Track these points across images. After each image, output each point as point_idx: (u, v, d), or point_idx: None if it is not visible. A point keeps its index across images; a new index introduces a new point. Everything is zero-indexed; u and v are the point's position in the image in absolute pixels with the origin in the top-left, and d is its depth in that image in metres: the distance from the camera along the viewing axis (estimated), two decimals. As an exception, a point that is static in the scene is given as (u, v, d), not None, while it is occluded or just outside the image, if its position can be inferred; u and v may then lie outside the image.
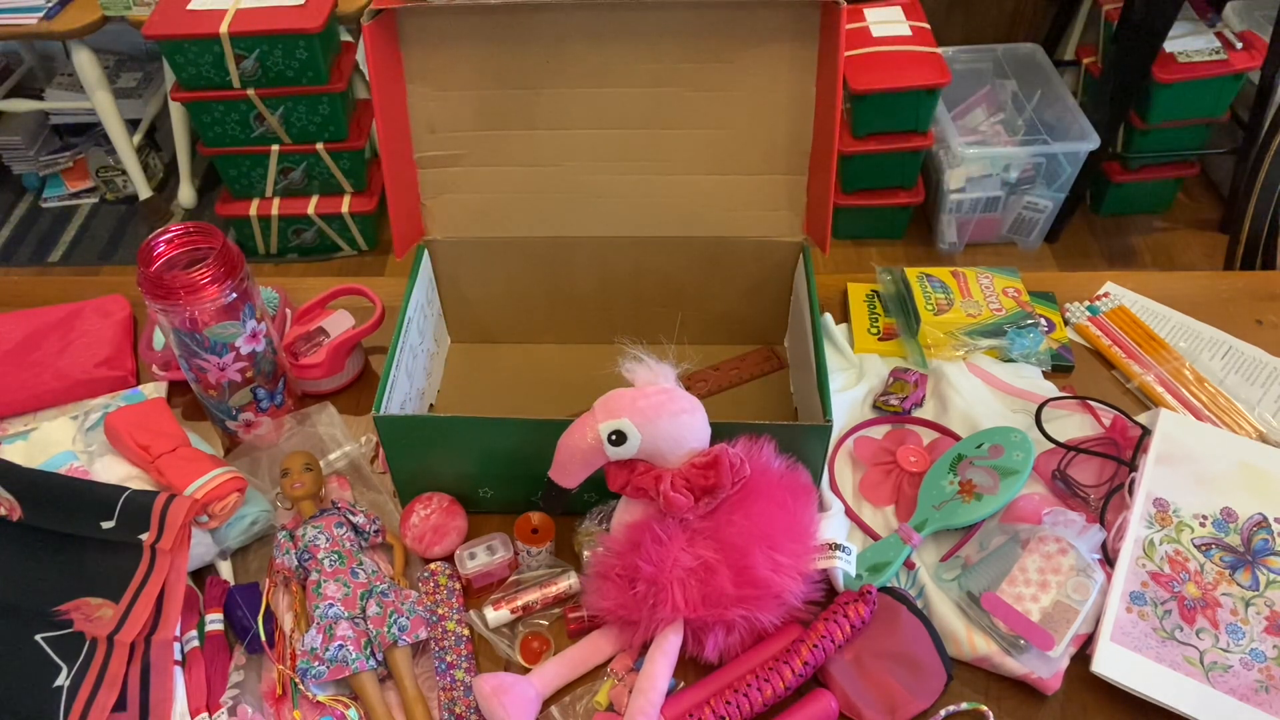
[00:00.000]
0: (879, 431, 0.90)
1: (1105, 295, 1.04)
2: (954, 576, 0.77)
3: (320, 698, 0.72)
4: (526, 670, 0.74)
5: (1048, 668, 0.72)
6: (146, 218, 2.56)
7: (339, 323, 0.97)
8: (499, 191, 0.91)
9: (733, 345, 1.00)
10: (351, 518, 0.80)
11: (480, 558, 0.79)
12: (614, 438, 0.69)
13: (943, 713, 0.72)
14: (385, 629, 0.74)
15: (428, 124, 0.87)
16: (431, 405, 0.94)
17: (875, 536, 0.82)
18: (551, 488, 0.73)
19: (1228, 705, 0.70)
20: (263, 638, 0.75)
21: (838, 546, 0.75)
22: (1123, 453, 0.85)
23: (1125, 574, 0.77)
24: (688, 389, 0.73)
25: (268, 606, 0.77)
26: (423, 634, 0.75)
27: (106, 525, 0.76)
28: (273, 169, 2.23)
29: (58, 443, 0.88)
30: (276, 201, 2.30)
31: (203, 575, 0.81)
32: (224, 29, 1.97)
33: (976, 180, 2.18)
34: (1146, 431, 0.85)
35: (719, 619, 0.70)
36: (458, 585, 0.79)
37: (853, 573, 0.75)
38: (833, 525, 0.79)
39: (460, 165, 0.90)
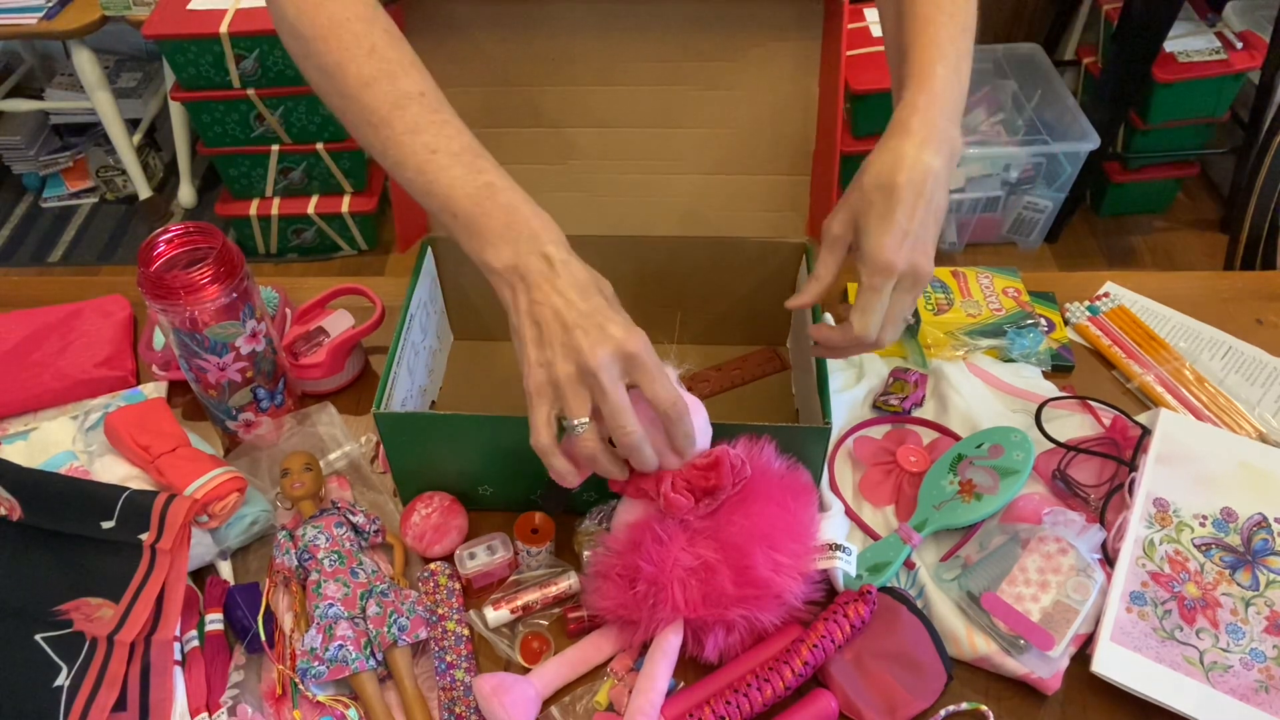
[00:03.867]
0: (879, 431, 0.90)
1: (1105, 295, 1.04)
2: (954, 576, 0.77)
3: (320, 698, 0.72)
4: (526, 670, 0.74)
5: (1048, 668, 0.72)
6: (146, 218, 2.56)
7: (339, 323, 0.97)
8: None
9: (735, 346, 1.00)
10: (351, 518, 0.80)
11: (480, 558, 0.79)
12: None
13: (943, 713, 0.72)
14: (385, 629, 0.74)
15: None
16: (433, 402, 0.94)
17: (875, 536, 0.82)
18: (551, 487, 0.72)
19: (1228, 705, 0.70)
20: (263, 638, 0.75)
21: (838, 547, 0.75)
22: (1123, 453, 0.85)
23: (1125, 574, 0.77)
24: (689, 389, 0.73)
25: (268, 606, 0.77)
26: (423, 634, 0.75)
27: (106, 525, 0.76)
28: (273, 169, 2.24)
29: (58, 443, 0.88)
30: (276, 201, 2.30)
31: (203, 575, 0.81)
32: (224, 29, 1.97)
33: (976, 180, 2.18)
34: (1146, 431, 0.85)
35: (719, 619, 0.70)
36: (458, 585, 0.79)
37: (853, 573, 0.75)
38: (833, 525, 0.79)
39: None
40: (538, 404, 0.63)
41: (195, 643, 0.75)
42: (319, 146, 2.19)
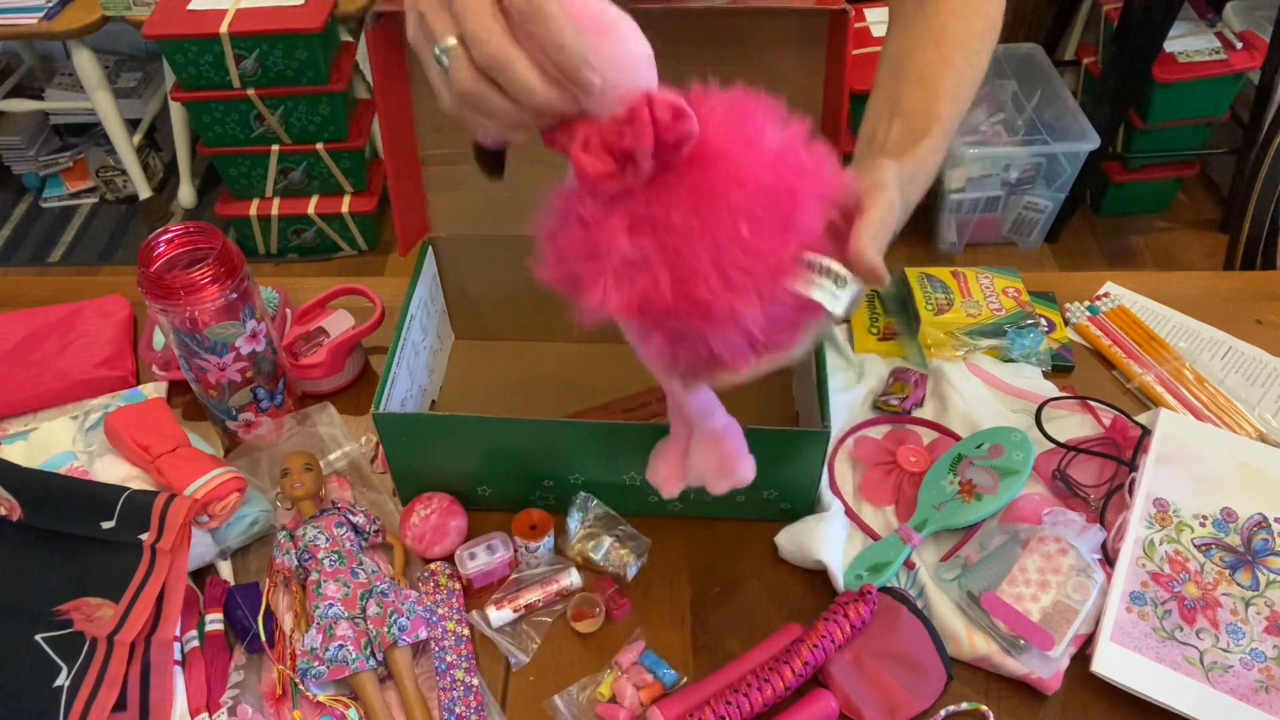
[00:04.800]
0: (879, 431, 0.90)
1: (1105, 295, 1.04)
2: (954, 576, 0.77)
3: (320, 698, 0.72)
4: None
5: (1048, 668, 0.72)
6: (146, 218, 2.56)
7: (339, 323, 0.97)
8: (504, 189, 0.91)
9: (733, 345, 1.00)
10: (351, 518, 0.80)
11: (480, 558, 0.79)
12: None
13: (943, 713, 0.72)
14: (385, 629, 0.74)
15: (433, 124, 0.87)
16: (433, 402, 0.94)
17: (875, 536, 0.82)
18: (478, 147, 0.57)
19: (1228, 705, 0.70)
20: (263, 638, 0.75)
21: (827, 271, 0.54)
22: (1123, 453, 0.85)
23: (1125, 574, 0.77)
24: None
25: (268, 606, 0.77)
26: (423, 634, 0.75)
27: (106, 525, 0.76)
28: (273, 169, 2.24)
29: (58, 443, 0.88)
30: (276, 201, 2.31)
31: (203, 575, 0.81)
32: (224, 29, 1.97)
33: (976, 180, 2.18)
34: (1146, 431, 0.85)
35: (659, 326, 0.54)
36: (458, 585, 0.79)
37: (839, 311, 0.55)
38: (833, 526, 0.79)
39: (466, 163, 0.89)
40: (422, 53, 0.51)
41: (195, 643, 0.75)
42: (319, 146, 2.19)
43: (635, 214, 0.52)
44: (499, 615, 0.77)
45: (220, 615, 0.77)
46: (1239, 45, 2.12)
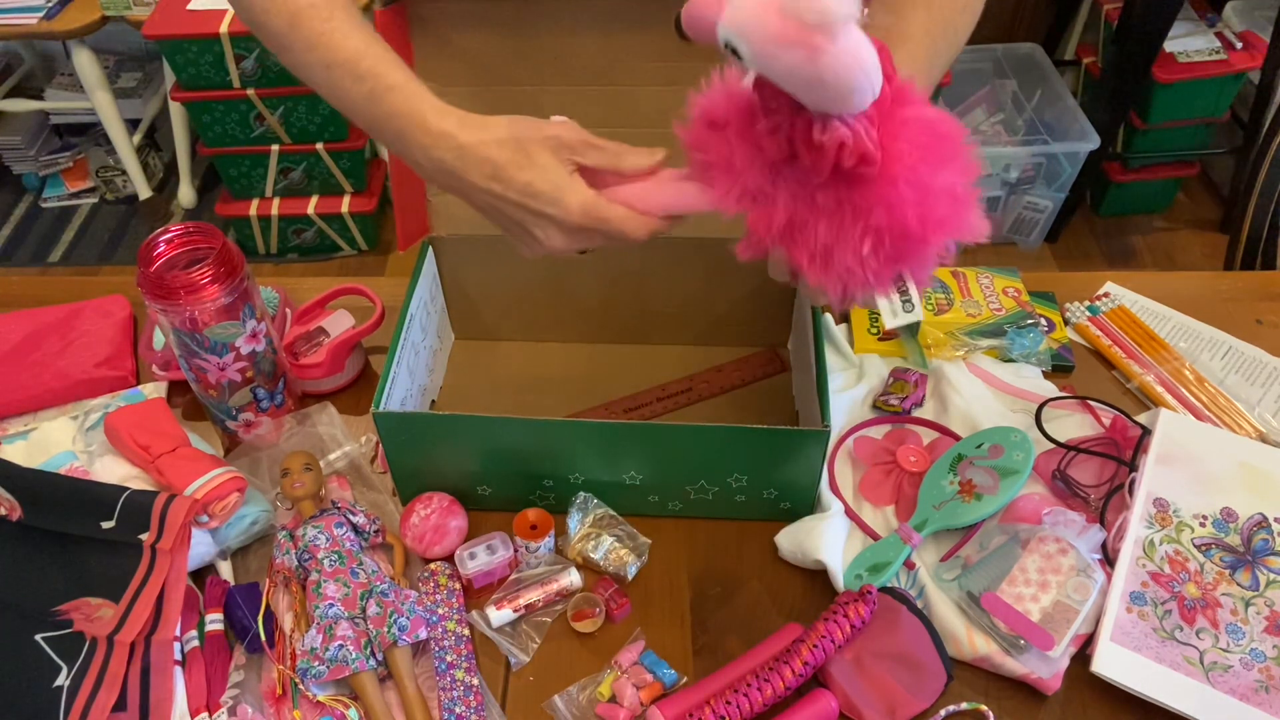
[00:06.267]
0: (879, 431, 0.90)
1: (1105, 295, 1.04)
2: (954, 576, 0.77)
3: (320, 698, 0.72)
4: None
5: (1048, 668, 0.72)
6: (146, 218, 2.56)
7: (339, 323, 0.97)
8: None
9: (735, 347, 1.00)
10: (351, 518, 0.80)
11: (480, 558, 0.79)
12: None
13: (943, 713, 0.72)
14: (385, 629, 0.74)
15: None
16: (433, 402, 0.94)
17: (875, 536, 0.82)
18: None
19: (1228, 705, 0.70)
20: (263, 638, 0.75)
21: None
22: (1123, 453, 0.85)
23: (1125, 574, 0.77)
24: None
25: (268, 606, 0.77)
26: (423, 634, 0.75)
27: (106, 525, 0.76)
28: (273, 169, 2.24)
29: (58, 443, 0.88)
30: (276, 201, 2.31)
31: (203, 575, 0.81)
32: (224, 29, 1.97)
33: (976, 180, 2.18)
34: (1146, 431, 0.85)
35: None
36: (458, 585, 0.79)
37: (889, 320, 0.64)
38: (833, 526, 0.79)
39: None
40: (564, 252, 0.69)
41: (195, 643, 0.75)
42: (319, 146, 2.19)
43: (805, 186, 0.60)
44: (499, 615, 0.77)
45: (220, 615, 0.77)
46: (1239, 45, 2.12)
